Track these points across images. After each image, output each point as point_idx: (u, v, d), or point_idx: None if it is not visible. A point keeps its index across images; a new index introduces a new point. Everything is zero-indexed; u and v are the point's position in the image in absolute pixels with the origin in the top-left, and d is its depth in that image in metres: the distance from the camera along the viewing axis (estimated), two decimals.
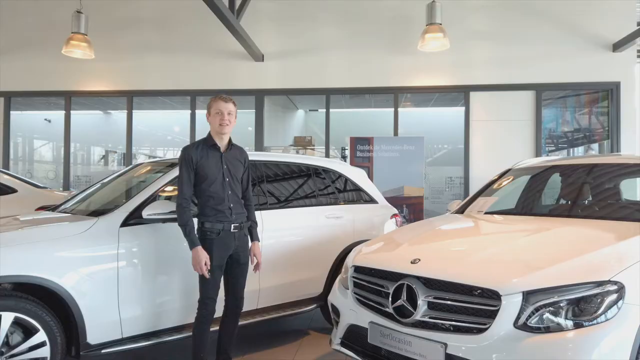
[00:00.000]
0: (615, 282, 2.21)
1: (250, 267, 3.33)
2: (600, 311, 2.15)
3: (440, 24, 6.43)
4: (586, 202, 3.82)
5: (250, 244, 3.32)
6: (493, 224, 3.53)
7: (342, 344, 3.03)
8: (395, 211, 5.03)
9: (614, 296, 2.18)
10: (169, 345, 3.46)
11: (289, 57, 7.72)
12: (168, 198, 3.51)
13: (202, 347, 3.09)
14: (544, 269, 2.34)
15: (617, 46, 7.01)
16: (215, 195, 3.10)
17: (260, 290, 3.83)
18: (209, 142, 3.18)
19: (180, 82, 7.92)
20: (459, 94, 7.74)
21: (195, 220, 3.14)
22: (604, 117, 7.60)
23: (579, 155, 8.27)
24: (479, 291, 2.34)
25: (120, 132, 10.07)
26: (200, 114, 8.35)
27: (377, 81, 7.47)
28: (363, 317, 2.81)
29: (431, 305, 2.49)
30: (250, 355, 3.87)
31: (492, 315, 2.27)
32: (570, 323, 2.17)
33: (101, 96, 8.44)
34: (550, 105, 7.59)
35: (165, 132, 11.46)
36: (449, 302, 2.43)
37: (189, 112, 8.11)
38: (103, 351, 3.07)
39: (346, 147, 9.30)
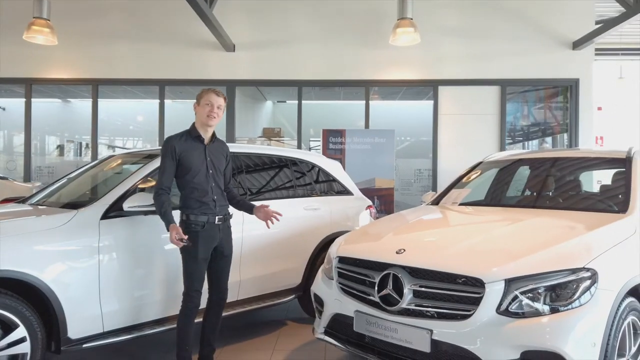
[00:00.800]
0: (589, 269, 2.37)
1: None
2: (575, 296, 2.31)
3: (411, 19, 6.54)
4: (551, 193, 4.03)
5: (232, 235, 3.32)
6: (470, 215, 3.68)
7: (326, 332, 3.10)
8: (370, 203, 5.13)
9: (587, 282, 2.34)
10: (151, 338, 3.44)
11: (260, 48, 7.67)
12: (142, 190, 3.45)
13: (186, 339, 3.09)
14: (523, 258, 2.47)
15: (577, 44, 7.34)
16: (199, 187, 3.09)
17: (241, 281, 3.85)
18: (192, 134, 3.16)
19: (148, 71, 7.73)
20: (426, 88, 7.92)
21: (178, 212, 3.13)
22: (560, 112, 7.96)
23: (534, 148, 8.65)
24: (463, 279, 2.45)
25: (78, 122, 9.77)
26: (169, 103, 8.21)
27: (349, 74, 7.54)
28: (348, 306, 2.89)
29: (417, 294, 2.59)
30: (232, 346, 3.89)
31: (476, 302, 2.39)
32: (547, 308, 2.31)
33: (65, 84, 8.14)
34: (512, 100, 7.86)
35: (126, 121, 11.16)
36: (434, 290, 2.53)
37: (153, 101, 7.93)
38: (84, 346, 3.02)
39: (314, 139, 9.37)
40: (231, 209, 3.35)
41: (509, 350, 2.28)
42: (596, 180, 5.62)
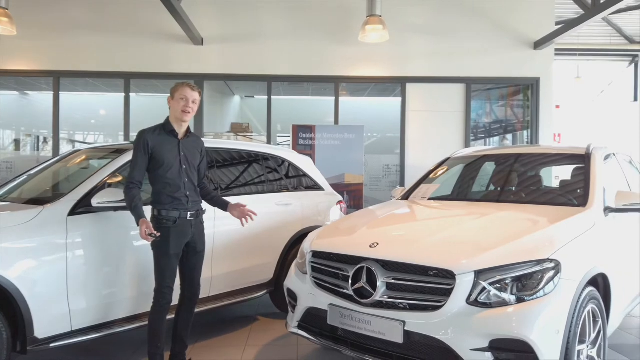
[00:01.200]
0: (553, 260, 2.48)
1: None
2: (540, 286, 2.41)
3: (380, 16, 6.62)
4: (515, 188, 4.17)
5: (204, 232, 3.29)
6: (439, 210, 3.77)
7: (300, 326, 3.12)
8: (340, 198, 5.18)
9: (551, 273, 2.45)
10: (121, 336, 3.38)
11: (229, 42, 7.59)
12: (109, 185, 3.38)
13: (158, 337, 3.05)
14: (492, 250, 2.56)
15: (538, 44, 7.60)
16: (172, 182, 3.06)
17: (212, 277, 3.82)
18: (166, 128, 3.12)
19: (113, 64, 7.53)
20: (393, 85, 8.03)
21: (149, 208, 3.08)
22: (521, 110, 8.24)
23: (495, 144, 8.92)
24: (435, 271, 2.52)
25: (36, 115, 9.40)
26: (134, 97, 8.01)
27: (319, 70, 7.57)
28: (322, 299, 2.92)
29: (390, 286, 2.64)
30: (203, 343, 3.87)
31: (447, 293, 2.47)
32: (514, 298, 2.41)
33: (24, 76, 7.82)
34: (475, 98, 8.07)
35: (88, 115, 10.83)
36: (406, 283, 2.59)
37: (117, 95, 7.72)
38: (52, 345, 2.94)
39: (281, 134, 9.36)
40: (204, 205, 3.32)
41: (478, 339, 2.36)
42: (554, 175, 5.85)
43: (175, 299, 3.22)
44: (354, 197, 6.78)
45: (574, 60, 11.62)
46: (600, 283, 2.87)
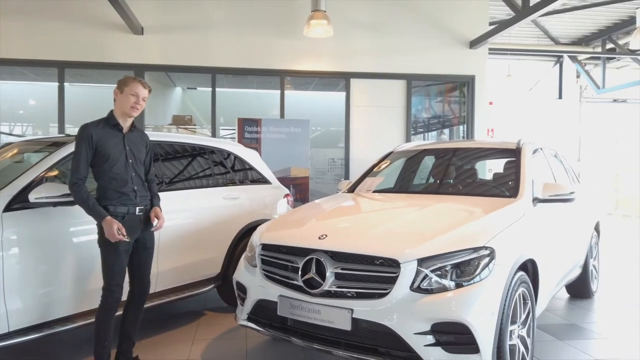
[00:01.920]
0: (488, 248, 2.67)
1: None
2: (477, 272, 2.59)
3: (325, 11, 6.71)
4: (452, 181, 4.41)
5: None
6: (383, 202, 3.92)
7: (249, 319, 3.17)
8: (287, 191, 5.24)
9: (487, 259, 2.64)
10: (63, 335, 3.27)
11: (171, 32, 7.39)
12: (47, 180, 3.25)
13: (106, 335, 2.99)
14: (433, 239, 2.72)
15: (473, 44, 7.98)
16: (119, 177, 2.99)
17: (158, 273, 3.76)
18: (110, 122, 3.03)
19: (45, 52, 7.13)
20: (338, 79, 8.16)
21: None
22: (458, 106, 8.64)
23: (433, 139, 9.31)
24: (381, 261, 2.64)
25: None
26: (68, 87, 7.63)
27: (265, 63, 7.54)
28: (272, 291, 2.98)
29: (338, 276, 2.74)
30: (150, 339, 3.81)
31: (392, 281, 2.60)
32: (453, 284, 2.57)
33: None
34: (415, 94, 8.34)
35: (15, 105, 10.20)
36: (354, 272, 2.70)
37: (48, 84, 7.31)
38: None
39: (224, 127, 9.24)
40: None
41: (421, 324, 2.51)
42: (488, 168, 6.21)
43: (124, 296, 3.16)
44: (300, 191, 6.85)
45: (505, 59, 12.26)
46: (529, 268, 3.11)
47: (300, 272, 2.84)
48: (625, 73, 13.48)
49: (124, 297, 3.11)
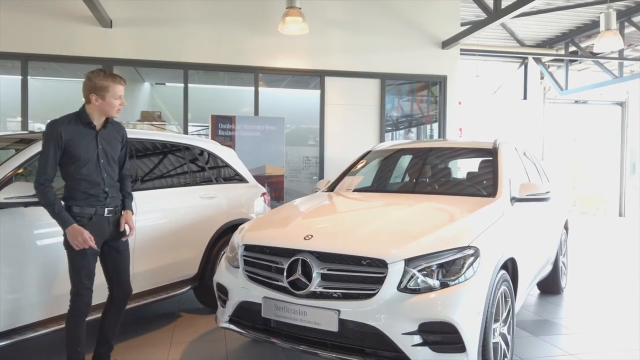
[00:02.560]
0: (472, 247, 2.70)
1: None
2: (462, 272, 2.62)
3: (300, 8, 6.66)
4: (431, 180, 4.46)
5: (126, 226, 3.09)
6: (366, 201, 3.92)
7: (231, 320, 3.11)
8: (264, 190, 5.18)
9: (471, 259, 2.67)
10: (34, 341, 3.12)
11: (141, 26, 7.18)
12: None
13: (78, 341, 2.84)
14: (419, 239, 2.73)
15: (446, 44, 8.10)
16: (89, 178, 2.81)
17: (134, 275, 3.62)
18: (83, 119, 2.84)
19: (8, 44, 6.79)
20: (311, 77, 8.13)
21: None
22: (429, 105, 8.76)
23: (401, 138, 9.40)
24: (368, 261, 2.64)
25: None
26: (31, 80, 7.30)
27: (238, 59, 7.43)
28: (255, 293, 2.93)
29: (324, 277, 2.72)
30: (126, 343, 3.68)
31: (379, 281, 2.59)
32: (439, 283, 2.59)
33: None
34: (388, 93, 8.39)
35: None
36: (341, 273, 2.69)
37: (9, 77, 6.97)
38: None
39: (193, 124, 9.06)
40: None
41: (409, 324, 2.52)
42: (457, 167, 6.31)
43: (103, 298, 3.04)
44: (275, 189, 6.79)
45: (473, 60, 12.49)
46: (509, 266, 3.17)
47: (285, 273, 2.80)
48: (587, 75, 13.97)
49: (102, 300, 3.00)
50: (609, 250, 8.36)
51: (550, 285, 5.11)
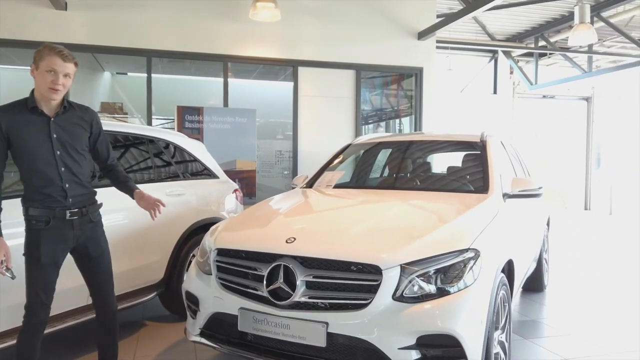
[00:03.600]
0: (473, 249, 2.44)
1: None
2: (463, 277, 2.36)
3: None
4: (414, 175, 4.20)
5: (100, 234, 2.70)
6: (350, 199, 3.61)
7: (202, 334, 2.77)
8: (236, 186, 4.83)
9: (472, 262, 2.41)
10: None
11: (100, 9, 6.63)
12: None
13: None
14: (415, 241, 2.46)
15: (421, 35, 7.88)
16: (39, 174, 2.41)
17: None
18: (29, 105, 2.44)
19: None
20: (282, 68, 7.77)
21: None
22: (405, 97, 8.54)
23: (370, 131, 9.15)
24: (359, 267, 2.35)
25: None
26: None
27: (207, 47, 6.96)
28: (230, 303, 2.61)
29: (310, 285, 2.42)
30: (85, 357, 3.28)
31: (372, 289, 2.31)
32: (439, 291, 2.32)
33: None
34: (363, 85, 8.12)
35: None
36: (329, 281, 2.39)
37: None
38: None
39: (157, 117, 8.57)
40: (103, 197, 2.72)
41: (406, 337, 2.25)
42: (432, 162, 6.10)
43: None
44: (246, 185, 6.42)
45: (446, 53, 12.39)
46: (505, 268, 2.94)
47: (265, 281, 2.48)
48: (555, 70, 14.12)
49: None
50: (580, 244, 8.38)
51: (533, 283, 4.96)
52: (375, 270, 2.31)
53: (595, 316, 4.35)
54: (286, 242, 2.53)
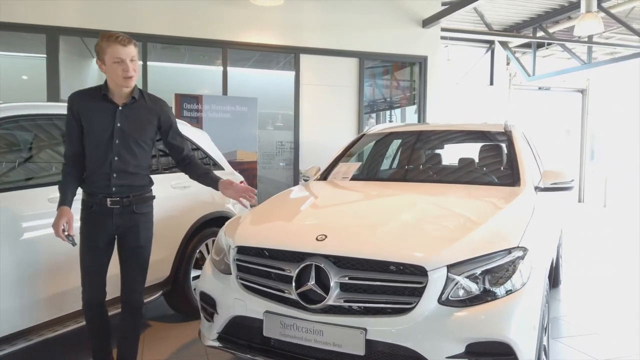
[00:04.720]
0: (522, 248, 2.24)
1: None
2: (514, 278, 2.15)
3: None
4: (437, 166, 3.98)
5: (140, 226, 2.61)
6: (375, 192, 3.36)
7: (220, 338, 2.54)
8: (242, 178, 4.56)
9: (522, 262, 2.20)
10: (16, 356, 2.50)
11: None
12: None
13: (92, 337, 2.60)
14: (461, 239, 2.25)
15: (426, 23, 7.66)
16: (94, 159, 2.46)
17: None
18: (102, 91, 2.45)
19: None
20: (281, 56, 7.49)
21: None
22: (409, 86, 8.33)
23: (372, 121, 8.95)
24: (401, 267, 2.13)
25: None
26: None
27: (204, 32, 6.65)
28: (253, 306, 2.38)
29: (345, 287, 2.19)
30: None
31: (416, 292, 2.10)
32: (489, 294, 2.11)
33: None
34: (367, 73, 7.90)
35: None
36: (366, 283, 2.17)
37: None
38: None
39: None
40: (159, 190, 2.73)
41: (454, 345, 2.04)
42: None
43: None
44: (247, 176, 6.11)
45: (445, 43, 12.18)
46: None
47: (294, 283, 2.25)
48: (551, 62, 14.01)
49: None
50: (578, 237, 8.26)
51: (550, 278, 4.79)
52: (419, 272, 2.10)
53: (616, 313, 4.20)
54: (316, 239, 2.30)
